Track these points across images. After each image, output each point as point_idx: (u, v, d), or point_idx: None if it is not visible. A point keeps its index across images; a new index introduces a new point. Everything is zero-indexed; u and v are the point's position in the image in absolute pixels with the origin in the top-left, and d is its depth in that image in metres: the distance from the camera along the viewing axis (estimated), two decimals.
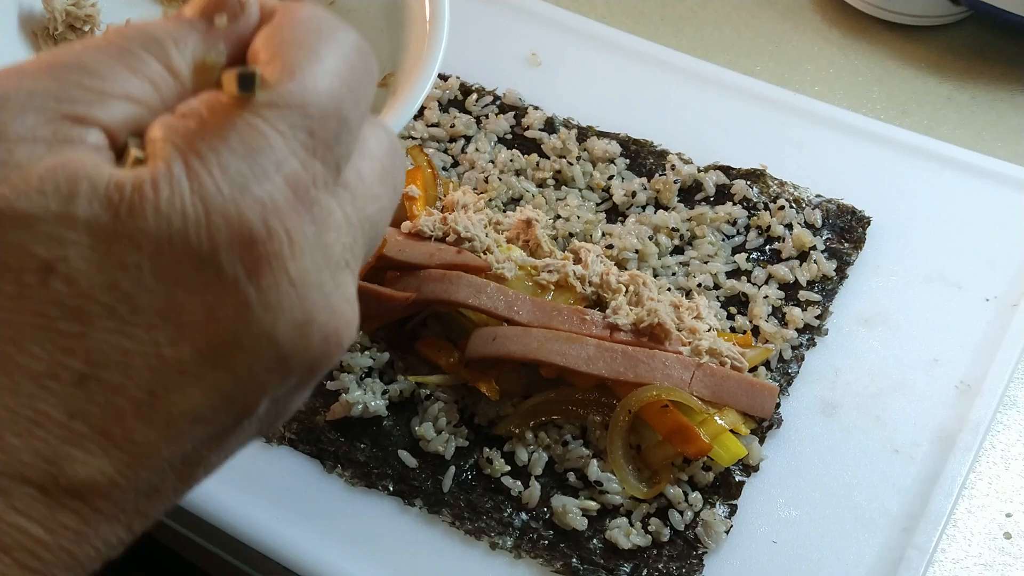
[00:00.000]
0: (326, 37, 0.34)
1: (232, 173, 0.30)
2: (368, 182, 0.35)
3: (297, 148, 0.31)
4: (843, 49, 0.97)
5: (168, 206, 0.29)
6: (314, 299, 0.31)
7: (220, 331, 0.30)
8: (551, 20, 0.92)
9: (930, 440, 0.67)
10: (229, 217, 0.29)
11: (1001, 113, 0.91)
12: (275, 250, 0.30)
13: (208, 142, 0.30)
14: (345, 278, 0.33)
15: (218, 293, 0.29)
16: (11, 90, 0.30)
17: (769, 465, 0.66)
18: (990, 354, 0.70)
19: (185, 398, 0.30)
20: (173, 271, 0.29)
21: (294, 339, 0.31)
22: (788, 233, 0.76)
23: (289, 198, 0.31)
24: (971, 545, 0.64)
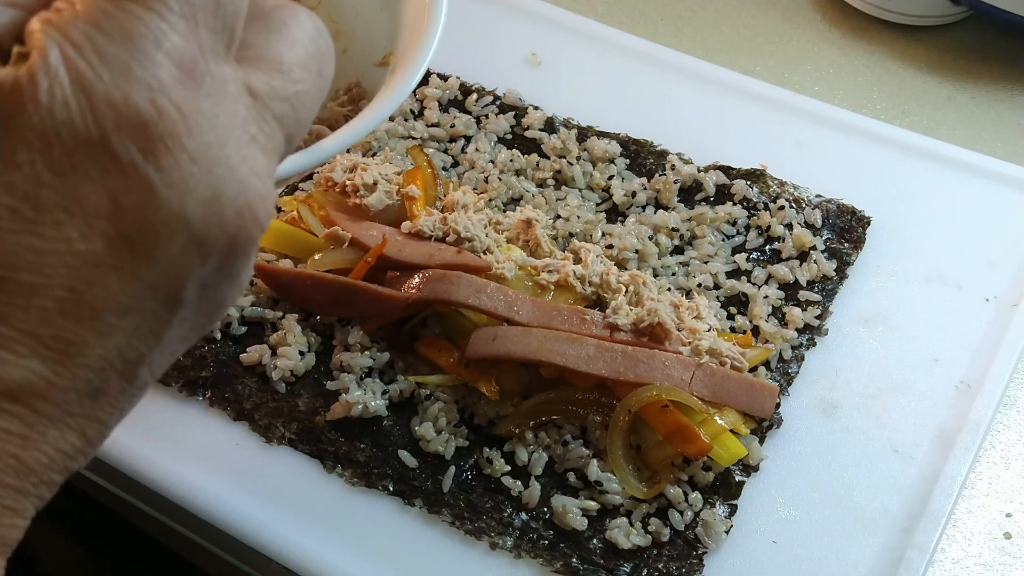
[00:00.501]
0: None
1: (110, 58, 0.29)
2: (285, 63, 0.34)
3: (176, 21, 0.31)
4: (843, 49, 0.97)
5: (48, 97, 0.29)
6: (220, 173, 0.31)
7: (128, 218, 0.30)
8: (551, 20, 0.92)
9: (930, 440, 0.67)
10: (114, 102, 0.29)
11: (1001, 113, 0.91)
12: (168, 128, 0.30)
13: (82, 29, 0.30)
14: (252, 151, 0.32)
15: (118, 179, 0.29)
16: None
17: (769, 465, 0.66)
18: (990, 354, 0.70)
19: (106, 290, 0.30)
20: (68, 163, 0.29)
21: (206, 216, 0.31)
22: (788, 233, 0.76)
23: (175, 74, 0.30)
24: (971, 545, 0.64)
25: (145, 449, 0.66)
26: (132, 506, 0.68)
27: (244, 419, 0.68)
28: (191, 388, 0.69)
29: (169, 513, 0.66)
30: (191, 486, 0.65)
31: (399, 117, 0.84)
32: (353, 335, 0.69)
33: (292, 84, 0.34)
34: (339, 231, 0.71)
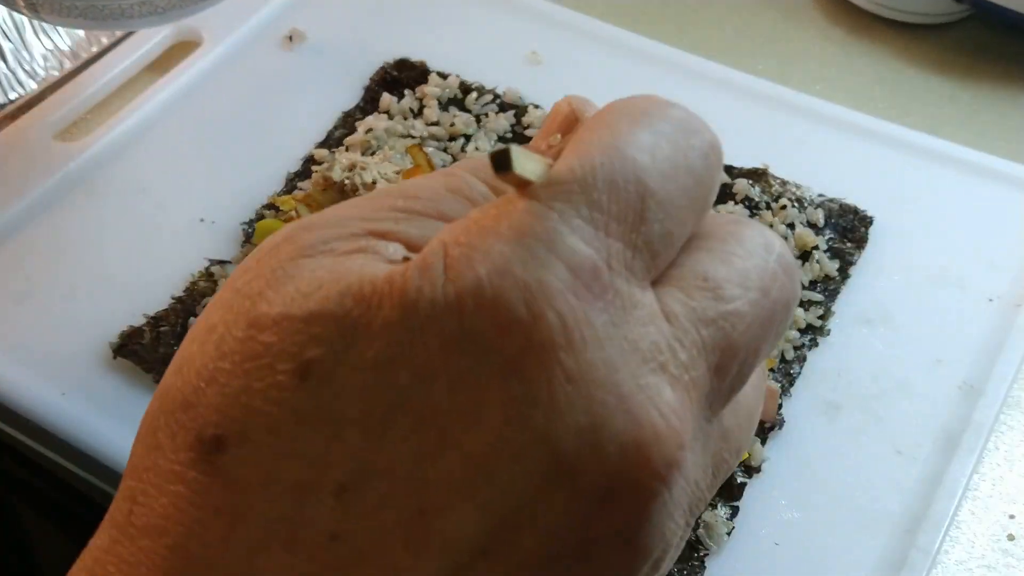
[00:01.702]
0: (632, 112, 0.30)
1: (493, 256, 0.25)
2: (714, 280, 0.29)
3: (580, 225, 0.26)
4: (845, 47, 0.96)
5: (417, 295, 0.25)
6: (603, 400, 0.25)
7: (486, 437, 0.25)
8: (552, 18, 0.92)
9: (933, 441, 0.66)
10: (482, 299, 0.25)
11: (1004, 112, 0.91)
12: (544, 338, 0.25)
13: (475, 231, 0.26)
14: (656, 381, 0.26)
15: (478, 390, 0.25)
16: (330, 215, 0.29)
17: (771, 466, 0.65)
18: (993, 355, 0.70)
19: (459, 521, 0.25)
20: (423, 366, 0.25)
21: (578, 447, 0.25)
22: (790, 233, 0.75)
23: (567, 280, 0.26)
24: (975, 547, 0.63)
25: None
26: None
27: None
28: None
29: None
30: None
31: (398, 115, 0.84)
32: None
33: (721, 303, 0.29)
34: None
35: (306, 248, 0.28)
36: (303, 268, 0.27)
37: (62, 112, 0.84)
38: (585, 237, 0.26)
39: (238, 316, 0.27)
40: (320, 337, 0.26)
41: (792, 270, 0.31)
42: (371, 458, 0.25)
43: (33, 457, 0.70)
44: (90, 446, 0.66)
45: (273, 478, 0.25)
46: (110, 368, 0.69)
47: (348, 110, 0.85)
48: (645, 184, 0.28)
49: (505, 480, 0.25)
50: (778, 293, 0.30)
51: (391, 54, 0.88)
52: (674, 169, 0.29)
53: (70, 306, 0.73)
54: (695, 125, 0.31)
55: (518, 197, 0.27)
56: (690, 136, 0.31)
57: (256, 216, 0.77)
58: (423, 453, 0.25)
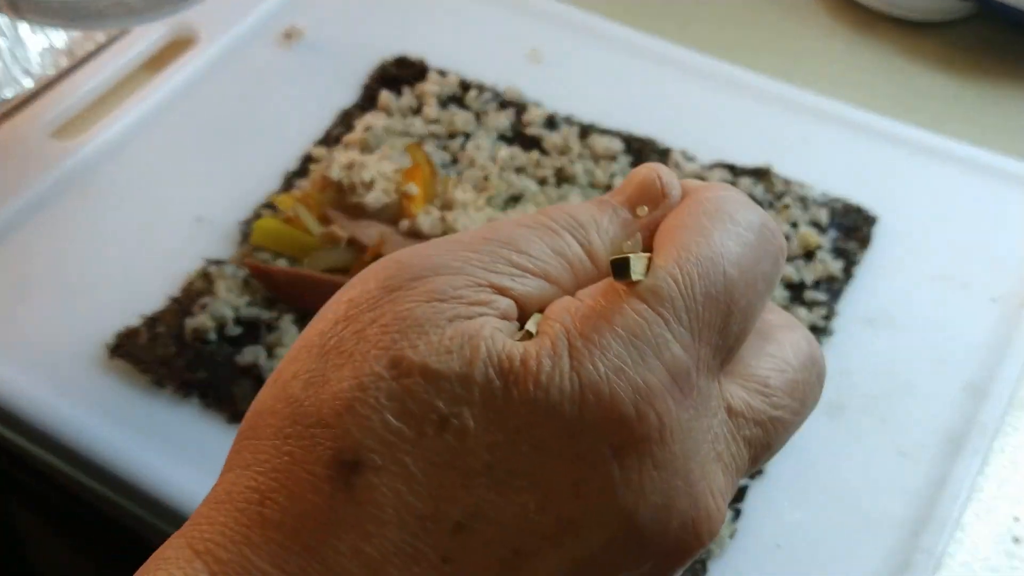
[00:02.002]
0: (722, 218, 0.34)
1: (611, 356, 0.31)
2: (768, 385, 0.35)
3: (681, 333, 0.32)
4: (849, 45, 0.96)
5: (548, 379, 0.30)
6: (677, 485, 0.31)
7: (582, 503, 0.30)
8: (552, 16, 0.91)
9: (937, 442, 0.66)
10: (601, 395, 0.30)
11: (1009, 110, 0.90)
12: (644, 433, 0.31)
13: (593, 324, 0.31)
14: (715, 469, 0.33)
15: (584, 467, 0.30)
16: (451, 258, 0.33)
17: (773, 468, 0.65)
18: (998, 355, 0.70)
19: (543, 562, 0.31)
20: (546, 440, 0.30)
21: (652, 522, 0.31)
22: (794, 232, 0.75)
23: (666, 382, 0.31)
24: (979, 549, 0.63)
25: (138, 451, 0.65)
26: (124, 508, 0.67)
27: (239, 421, 0.67)
28: (185, 390, 0.68)
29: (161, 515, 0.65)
30: (184, 487, 0.64)
31: (397, 113, 0.83)
32: None
33: (772, 409, 0.35)
34: (336, 230, 0.70)
35: (438, 293, 0.32)
36: (440, 316, 0.32)
37: (58, 110, 0.84)
38: (683, 344, 0.32)
39: (378, 351, 0.31)
40: (462, 398, 0.31)
41: (823, 378, 0.38)
42: (486, 505, 0.30)
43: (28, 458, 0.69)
44: (86, 447, 0.66)
45: (402, 506, 0.30)
46: (106, 368, 0.69)
47: (346, 108, 0.84)
48: (733, 296, 0.33)
49: (589, 539, 0.31)
50: (812, 401, 0.37)
51: (390, 51, 0.88)
52: (754, 279, 0.34)
53: (66, 305, 0.73)
54: (769, 232, 0.35)
55: (628, 294, 0.32)
56: (766, 244, 0.35)
57: (254, 215, 0.76)
58: (528, 508, 0.30)
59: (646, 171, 0.38)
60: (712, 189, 0.36)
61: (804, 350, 0.37)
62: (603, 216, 0.36)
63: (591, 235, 0.35)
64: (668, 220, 0.35)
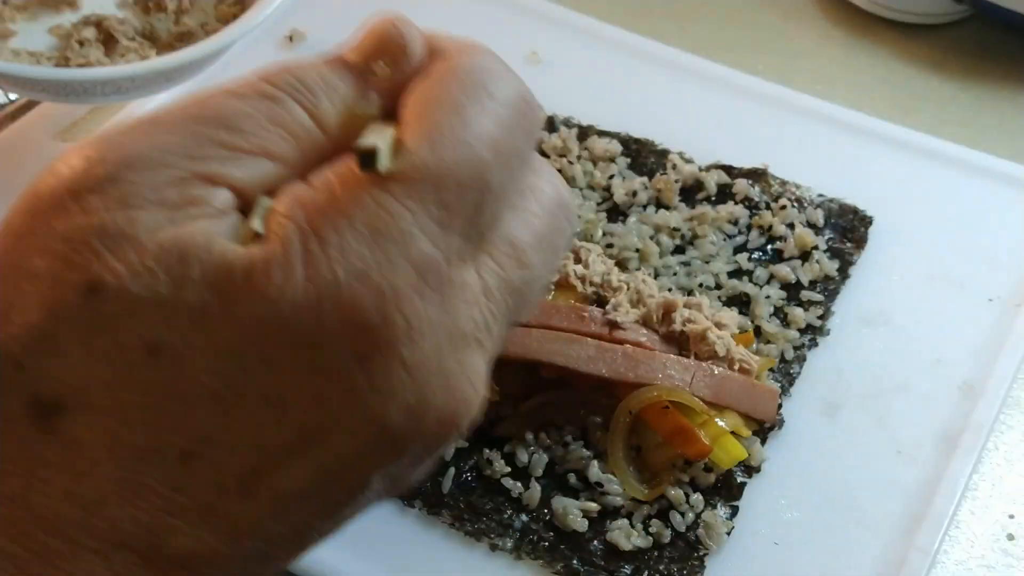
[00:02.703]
0: (478, 94, 0.32)
1: (352, 258, 0.28)
2: (519, 247, 0.32)
3: (429, 225, 0.29)
4: (846, 48, 0.96)
5: (278, 292, 0.28)
6: (431, 382, 0.30)
7: (325, 414, 0.28)
8: (551, 18, 0.92)
9: (933, 441, 0.66)
10: (341, 303, 0.28)
11: (1005, 112, 0.91)
12: (391, 337, 0.28)
13: (331, 221, 0.28)
14: (472, 357, 0.31)
15: (326, 380, 0.28)
16: (146, 148, 0.29)
17: (771, 466, 0.65)
18: (993, 354, 0.70)
19: (290, 478, 0.29)
20: (278, 357, 0.28)
21: (405, 422, 0.29)
22: (790, 233, 0.75)
23: (413, 282, 0.29)
24: (974, 547, 0.63)
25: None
26: None
27: None
28: None
29: None
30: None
31: None
32: None
33: (524, 270, 0.32)
34: None
35: (134, 196, 0.28)
36: (139, 227, 0.28)
37: (63, 112, 0.84)
38: (432, 237, 0.29)
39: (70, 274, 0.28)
40: (173, 323, 0.27)
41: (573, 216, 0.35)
42: (215, 429, 0.28)
43: None
44: None
45: (116, 443, 0.27)
46: None
47: None
48: (487, 181, 0.30)
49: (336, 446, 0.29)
50: (564, 246, 0.35)
51: None
52: (509, 159, 0.31)
53: None
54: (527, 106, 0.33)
55: (371, 183, 0.29)
56: (523, 120, 0.32)
57: None
58: (264, 426, 0.28)
59: (383, 22, 0.33)
60: (465, 53, 0.33)
61: (549, 195, 0.34)
62: (333, 75, 0.32)
63: (319, 99, 0.31)
64: (418, 89, 0.32)
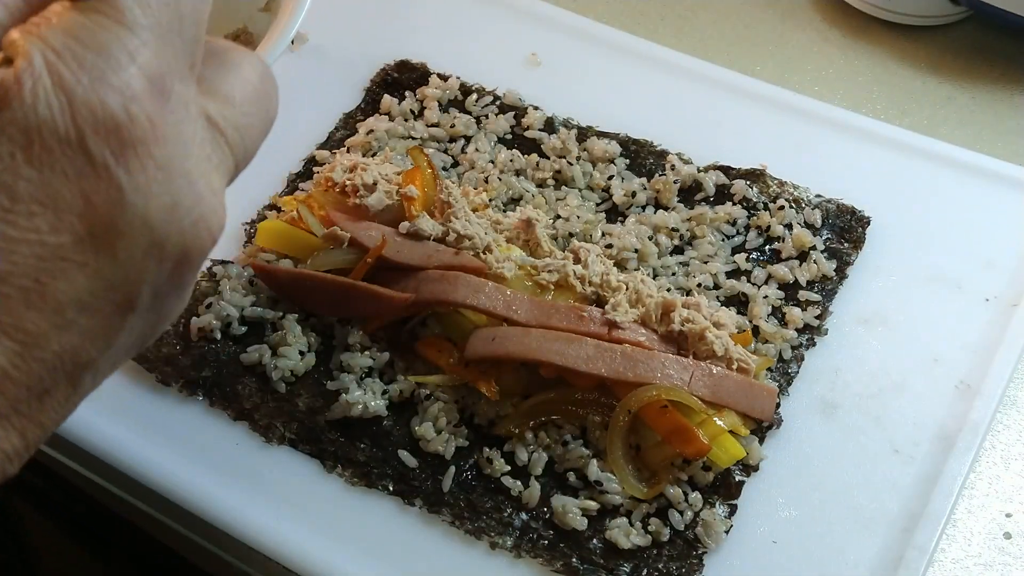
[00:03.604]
0: None
1: (88, 65, 0.32)
2: (238, 98, 0.38)
3: (147, 38, 0.33)
4: (843, 49, 0.97)
5: (32, 97, 0.31)
6: (180, 184, 0.33)
7: (97, 216, 0.32)
8: (551, 20, 0.92)
9: (930, 440, 0.67)
10: (92, 104, 0.32)
11: (1001, 113, 0.91)
12: (139, 135, 0.32)
13: (62, 40, 0.32)
14: (208, 168, 0.35)
15: (91, 178, 0.31)
16: None
17: (769, 465, 0.66)
18: (990, 354, 0.70)
19: (70, 284, 0.32)
20: (46, 159, 0.31)
21: (166, 222, 0.33)
22: (788, 233, 0.76)
23: (146, 87, 0.33)
24: (971, 545, 0.64)
25: (145, 449, 0.66)
26: (131, 505, 0.68)
27: (244, 419, 0.68)
28: (191, 388, 0.69)
29: (168, 512, 0.66)
30: (191, 486, 0.65)
31: (399, 117, 0.84)
32: (353, 335, 0.69)
33: (242, 117, 0.37)
34: (338, 231, 0.71)
35: None
36: None
37: None
38: (152, 49, 0.33)
39: None
40: None
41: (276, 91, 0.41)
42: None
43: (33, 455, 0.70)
44: (90, 444, 0.66)
45: None
46: None
47: (349, 111, 0.85)
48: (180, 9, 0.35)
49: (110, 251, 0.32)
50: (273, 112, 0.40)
51: (392, 56, 0.88)
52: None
53: None
54: None
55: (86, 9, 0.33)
56: None
57: (258, 216, 0.77)
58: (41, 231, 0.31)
59: None
60: None
61: (257, 67, 0.40)
62: None
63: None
64: None
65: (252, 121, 0.38)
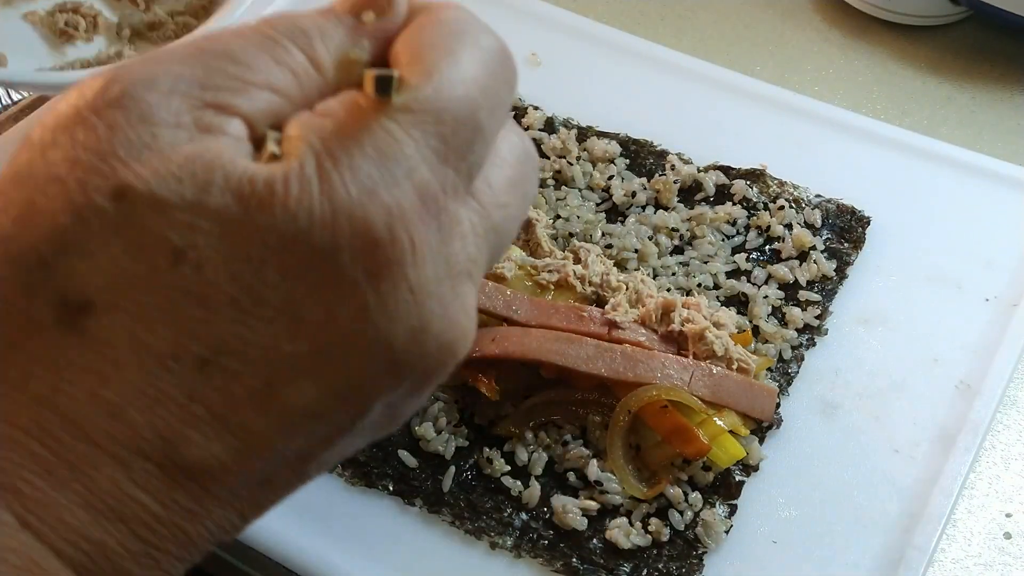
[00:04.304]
0: (467, 41, 0.34)
1: (362, 176, 0.30)
2: (496, 190, 0.35)
3: (429, 155, 0.31)
4: (843, 49, 0.97)
5: (296, 204, 0.29)
6: (431, 307, 0.31)
7: (337, 331, 0.30)
8: (551, 20, 0.92)
9: (930, 440, 0.67)
10: (354, 219, 0.30)
11: (1001, 113, 0.91)
12: (397, 256, 0.30)
13: (342, 144, 0.30)
14: (465, 289, 0.33)
15: (338, 294, 0.30)
16: (160, 73, 0.31)
17: (769, 465, 0.66)
18: (990, 354, 0.70)
19: (299, 393, 0.30)
20: (296, 268, 0.29)
21: (408, 345, 0.31)
22: (788, 233, 0.76)
23: (416, 205, 0.31)
24: (971, 545, 0.64)
25: None
26: None
27: None
28: None
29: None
30: None
31: None
32: None
33: (501, 209, 0.35)
34: None
35: (153, 115, 0.30)
36: (161, 141, 0.29)
37: None
38: (432, 166, 0.31)
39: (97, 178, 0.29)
40: (196, 227, 0.29)
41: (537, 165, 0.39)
42: (232, 339, 0.29)
43: None
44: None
45: (140, 347, 0.29)
46: None
47: None
48: (478, 120, 0.33)
49: (345, 367, 0.30)
50: (532, 194, 0.38)
51: None
52: (496, 104, 0.34)
53: None
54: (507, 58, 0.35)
55: (377, 112, 0.31)
56: (506, 71, 0.35)
57: None
58: (279, 339, 0.30)
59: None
60: (446, 7, 0.35)
61: (518, 145, 0.37)
62: (327, 22, 0.34)
63: (315, 43, 0.33)
64: (410, 36, 0.34)
65: (510, 212, 0.35)
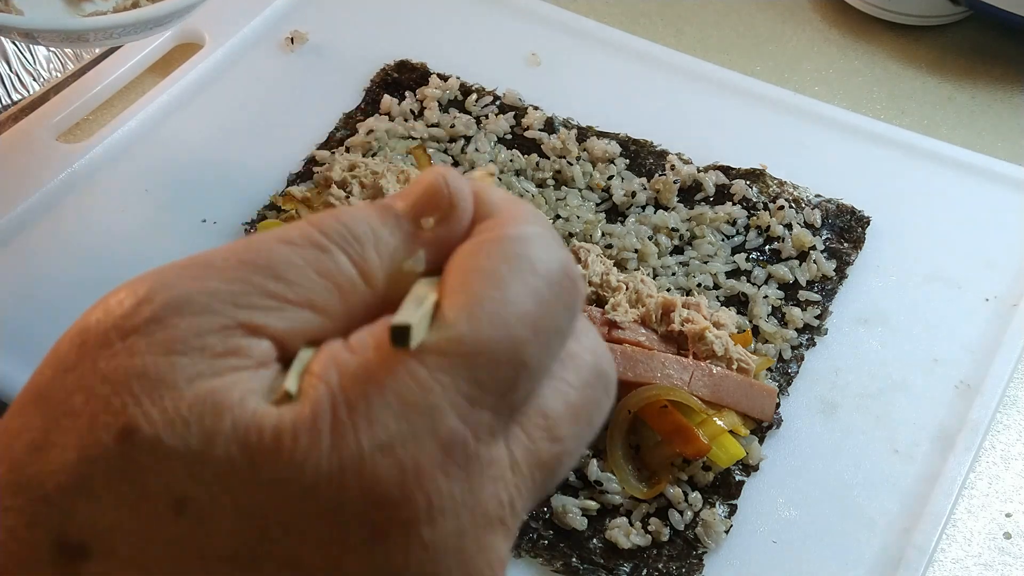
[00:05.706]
0: (523, 267, 0.30)
1: (377, 430, 0.28)
2: (553, 420, 0.31)
3: (459, 401, 0.28)
4: (843, 49, 0.97)
5: (303, 457, 0.27)
6: (448, 564, 0.28)
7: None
8: (551, 20, 0.92)
9: (930, 440, 0.67)
10: (363, 476, 0.27)
11: (1001, 113, 0.91)
12: (409, 516, 0.28)
13: (362, 389, 0.28)
14: (494, 539, 0.29)
15: (343, 552, 0.28)
16: (195, 292, 0.29)
17: (769, 465, 0.66)
18: (990, 354, 0.71)
19: None
20: (299, 524, 0.27)
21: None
22: (788, 233, 0.76)
23: (439, 459, 0.28)
24: (971, 545, 0.64)
25: None
26: None
27: None
28: None
29: None
30: None
31: (399, 117, 0.84)
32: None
33: (555, 445, 0.31)
34: None
35: (179, 342, 0.28)
36: (179, 374, 0.28)
37: (65, 113, 0.85)
38: (461, 413, 0.28)
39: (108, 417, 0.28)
40: (200, 478, 0.27)
41: (612, 387, 0.33)
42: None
43: None
44: None
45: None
46: None
47: (349, 111, 0.85)
48: (523, 359, 0.29)
49: None
50: (599, 418, 0.33)
51: (392, 56, 0.88)
52: (548, 338, 0.30)
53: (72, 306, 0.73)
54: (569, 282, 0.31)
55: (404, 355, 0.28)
56: (565, 297, 0.31)
57: (258, 217, 0.77)
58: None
59: (433, 176, 0.32)
60: (513, 220, 0.32)
61: (587, 365, 0.32)
62: (383, 227, 0.31)
63: (367, 251, 0.31)
64: (463, 255, 0.31)
65: (565, 447, 0.31)
